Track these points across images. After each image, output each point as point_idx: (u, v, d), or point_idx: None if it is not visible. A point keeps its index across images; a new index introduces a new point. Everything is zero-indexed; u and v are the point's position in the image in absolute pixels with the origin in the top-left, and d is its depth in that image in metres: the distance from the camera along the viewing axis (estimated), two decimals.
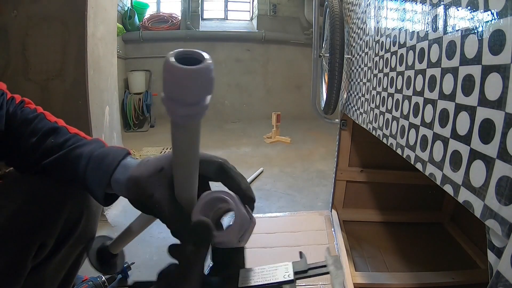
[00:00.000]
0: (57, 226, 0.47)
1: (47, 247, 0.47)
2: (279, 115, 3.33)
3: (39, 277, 0.49)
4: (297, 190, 2.00)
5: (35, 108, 0.51)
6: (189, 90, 0.23)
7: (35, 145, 0.46)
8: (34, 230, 0.44)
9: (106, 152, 0.42)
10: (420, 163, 0.52)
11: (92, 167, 0.42)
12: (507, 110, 0.31)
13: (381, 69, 0.78)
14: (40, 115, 0.49)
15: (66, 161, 0.44)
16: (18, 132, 0.47)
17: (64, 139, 0.46)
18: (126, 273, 1.11)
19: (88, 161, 0.42)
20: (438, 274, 1.09)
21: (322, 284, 1.04)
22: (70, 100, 1.43)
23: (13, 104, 0.50)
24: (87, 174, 0.42)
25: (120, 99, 3.79)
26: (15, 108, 0.49)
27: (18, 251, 0.43)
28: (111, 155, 0.42)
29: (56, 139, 0.46)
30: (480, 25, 0.36)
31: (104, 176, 0.40)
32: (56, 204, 0.47)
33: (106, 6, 1.61)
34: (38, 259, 0.47)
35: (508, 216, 0.30)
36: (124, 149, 0.43)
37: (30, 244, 0.44)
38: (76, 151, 0.44)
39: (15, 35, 1.41)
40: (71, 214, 0.49)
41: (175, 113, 0.25)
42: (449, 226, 1.45)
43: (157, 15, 4.62)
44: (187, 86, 0.23)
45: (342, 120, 1.40)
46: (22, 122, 0.47)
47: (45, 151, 0.45)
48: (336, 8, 1.24)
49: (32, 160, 0.46)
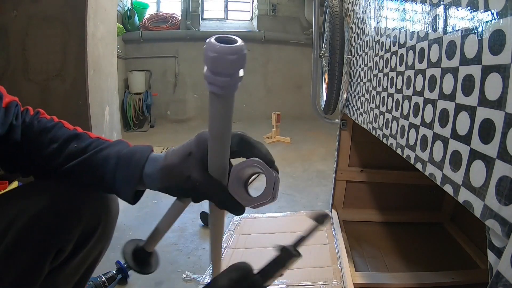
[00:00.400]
0: (76, 232, 0.48)
1: (65, 252, 0.48)
2: (279, 115, 3.33)
3: (54, 281, 0.49)
4: (297, 190, 2.00)
5: (51, 118, 0.51)
6: (228, 63, 0.29)
7: (57, 151, 0.46)
8: (53, 235, 0.45)
9: (134, 150, 0.44)
10: (420, 163, 0.52)
11: (122, 165, 0.43)
12: (507, 110, 0.31)
13: (381, 69, 0.78)
14: (58, 123, 0.50)
15: (92, 163, 0.45)
16: (38, 141, 0.47)
17: (87, 143, 0.47)
18: (126, 273, 1.11)
19: (118, 160, 0.43)
20: (438, 274, 1.09)
21: (322, 284, 1.04)
22: (70, 100, 1.43)
23: (28, 115, 0.50)
24: (117, 173, 0.43)
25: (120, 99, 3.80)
26: (31, 119, 0.50)
27: (37, 255, 0.44)
28: (138, 152, 0.44)
29: (79, 144, 0.46)
30: (480, 25, 0.36)
31: (135, 172, 0.42)
32: (75, 210, 0.47)
33: (106, 6, 1.61)
34: (55, 263, 0.47)
35: (508, 216, 0.30)
36: (149, 146, 0.45)
37: (49, 249, 0.45)
38: (102, 152, 0.45)
39: (15, 35, 1.41)
40: (90, 220, 0.49)
41: (216, 84, 0.30)
42: (449, 226, 1.45)
43: (157, 15, 4.62)
44: (227, 59, 0.29)
45: (342, 120, 1.40)
46: (41, 131, 0.48)
47: (69, 155, 0.45)
48: (336, 8, 1.24)
49: (55, 165, 0.46)
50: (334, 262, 1.15)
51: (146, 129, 4.13)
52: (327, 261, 1.17)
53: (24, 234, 0.43)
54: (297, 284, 1.05)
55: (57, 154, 0.46)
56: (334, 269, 1.12)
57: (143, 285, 1.11)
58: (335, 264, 1.14)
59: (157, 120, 4.37)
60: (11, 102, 0.47)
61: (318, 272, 1.11)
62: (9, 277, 0.42)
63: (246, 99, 4.65)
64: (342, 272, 1.08)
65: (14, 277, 0.42)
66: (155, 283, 1.11)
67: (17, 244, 0.42)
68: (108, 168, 0.43)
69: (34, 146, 0.47)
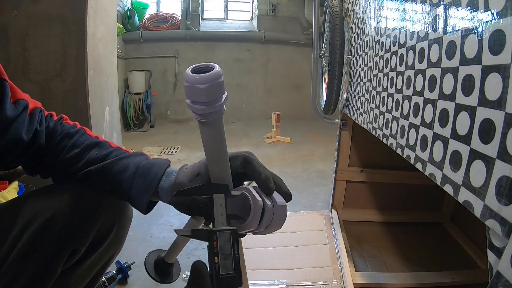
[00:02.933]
0: (90, 235, 0.49)
1: (78, 253, 0.49)
2: (279, 115, 3.32)
3: (66, 282, 0.50)
4: (297, 190, 2.00)
5: (74, 124, 0.53)
6: (200, 92, 0.31)
7: (78, 156, 0.47)
8: (67, 237, 0.46)
9: (153, 163, 0.47)
10: (420, 163, 0.52)
11: (140, 175, 0.45)
12: (507, 110, 0.31)
13: (381, 69, 0.78)
14: (81, 130, 0.52)
15: (111, 170, 0.46)
16: (60, 145, 0.49)
17: (108, 152, 0.48)
18: (126, 273, 1.11)
19: (136, 169, 0.45)
20: (438, 274, 1.09)
21: (322, 284, 1.04)
22: (70, 100, 1.43)
23: (52, 120, 0.52)
24: (134, 182, 0.45)
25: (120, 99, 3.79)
26: (55, 124, 0.51)
27: (52, 256, 0.45)
28: (157, 165, 0.46)
29: (100, 151, 0.48)
30: (480, 25, 0.36)
31: (152, 183, 0.44)
32: (91, 213, 0.48)
33: (106, 6, 1.61)
34: (68, 264, 0.48)
35: (508, 216, 0.30)
36: (167, 160, 0.47)
37: (63, 250, 0.46)
38: (122, 161, 0.47)
39: (15, 35, 1.41)
40: (104, 224, 0.50)
41: (196, 112, 0.32)
42: (449, 226, 1.45)
43: (157, 15, 4.62)
44: (198, 89, 0.30)
45: (342, 120, 1.40)
46: (64, 136, 0.50)
47: (89, 161, 0.47)
48: (336, 8, 1.24)
49: (74, 170, 0.47)
50: (334, 262, 1.15)
51: (146, 129, 4.13)
52: (327, 261, 1.17)
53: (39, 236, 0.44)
54: (297, 284, 1.05)
55: (77, 159, 0.47)
56: (334, 269, 1.12)
57: (143, 285, 1.11)
58: (335, 264, 1.14)
59: (157, 120, 4.37)
60: (35, 108, 0.49)
61: (318, 272, 1.11)
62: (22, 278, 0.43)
63: (246, 99, 4.65)
64: (342, 272, 1.08)
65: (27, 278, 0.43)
66: (155, 283, 1.11)
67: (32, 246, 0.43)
68: (126, 176, 0.45)
69: (56, 150, 0.49)
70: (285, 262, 1.17)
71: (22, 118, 0.46)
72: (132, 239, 1.37)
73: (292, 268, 1.14)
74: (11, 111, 0.45)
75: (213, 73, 0.31)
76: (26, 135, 0.46)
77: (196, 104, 0.32)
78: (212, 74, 0.31)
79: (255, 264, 1.16)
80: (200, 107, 0.31)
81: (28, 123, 0.47)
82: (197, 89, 0.30)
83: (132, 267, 1.14)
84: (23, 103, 0.47)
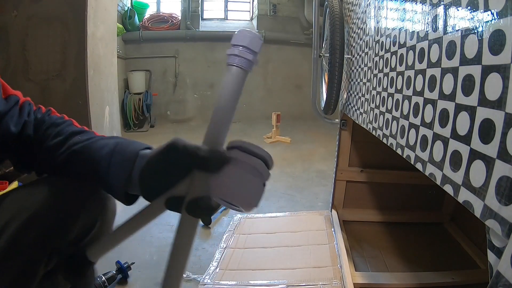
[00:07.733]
0: (72, 232, 0.47)
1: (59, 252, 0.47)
2: (279, 115, 3.32)
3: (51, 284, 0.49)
4: (297, 190, 2.00)
5: (62, 116, 0.54)
6: (260, 44, 0.39)
7: (61, 142, 0.48)
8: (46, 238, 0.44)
9: (133, 141, 0.48)
10: (420, 163, 0.52)
11: (119, 150, 0.45)
12: (507, 110, 0.31)
13: (381, 69, 0.78)
14: (68, 121, 0.52)
15: (90, 149, 0.46)
16: (45, 134, 0.49)
17: (91, 136, 0.49)
18: (126, 273, 1.11)
19: (116, 145, 0.46)
20: (438, 274, 1.09)
21: (322, 284, 1.04)
22: (70, 100, 1.43)
23: (40, 112, 0.53)
24: (113, 158, 0.45)
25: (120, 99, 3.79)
26: (43, 115, 0.52)
27: (30, 259, 0.43)
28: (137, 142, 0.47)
29: (83, 136, 0.49)
30: (480, 25, 0.36)
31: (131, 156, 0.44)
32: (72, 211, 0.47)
33: (106, 6, 1.61)
34: (50, 264, 0.47)
35: (508, 216, 0.30)
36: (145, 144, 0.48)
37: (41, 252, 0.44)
38: (102, 141, 0.47)
39: (15, 35, 1.41)
40: (86, 220, 0.49)
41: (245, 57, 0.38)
42: (449, 226, 1.45)
43: (157, 15, 4.61)
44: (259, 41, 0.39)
45: (342, 120, 1.40)
46: (50, 125, 0.50)
47: (71, 145, 0.47)
48: (336, 8, 1.24)
49: (58, 154, 0.47)
50: (334, 262, 1.15)
51: (146, 129, 4.13)
52: (327, 261, 1.17)
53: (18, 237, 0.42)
54: (297, 284, 1.05)
55: (61, 145, 0.48)
56: (334, 269, 1.12)
57: (143, 285, 1.11)
58: (335, 264, 1.14)
59: (157, 120, 4.37)
60: (24, 102, 0.51)
61: (318, 272, 1.11)
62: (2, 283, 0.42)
63: (246, 99, 4.64)
64: (342, 272, 1.08)
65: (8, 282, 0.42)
66: (154, 284, 1.11)
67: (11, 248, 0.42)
68: (104, 151, 0.45)
69: (42, 139, 0.49)
70: (285, 262, 1.17)
71: (12, 112, 0.48)
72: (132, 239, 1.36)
73: (292, 268, 1.14)
74: (2, 106, 0.47)
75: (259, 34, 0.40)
76: (15, 127, 0.48)
77: (246, 49, 0.38)
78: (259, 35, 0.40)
79: (255, 264, 1.16)
80: (249, 53, 0.38)
81: (17, 116, 0.48)
82: (256, 38, 0.39)
83: (132, 267, 1.14)
84: (14, 98, 0.49)
